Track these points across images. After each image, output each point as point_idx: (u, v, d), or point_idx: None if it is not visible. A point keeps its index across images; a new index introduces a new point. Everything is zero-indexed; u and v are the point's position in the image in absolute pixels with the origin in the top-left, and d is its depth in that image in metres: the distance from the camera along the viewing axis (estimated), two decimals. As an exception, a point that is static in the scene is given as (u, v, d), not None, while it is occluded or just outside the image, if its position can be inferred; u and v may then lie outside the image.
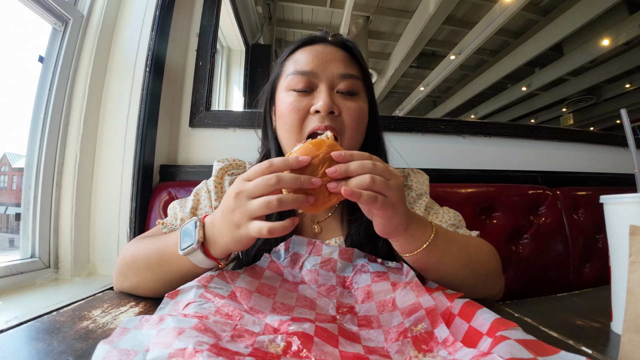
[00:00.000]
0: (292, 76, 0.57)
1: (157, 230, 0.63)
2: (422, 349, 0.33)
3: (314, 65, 0.57)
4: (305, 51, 0.60)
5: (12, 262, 0.75)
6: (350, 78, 0.58)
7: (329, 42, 0.61)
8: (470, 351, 0.30)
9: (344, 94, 0.58)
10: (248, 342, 0.30)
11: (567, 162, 1.32)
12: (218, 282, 0.41)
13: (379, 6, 3.51)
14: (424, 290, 0.41)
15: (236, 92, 1.80)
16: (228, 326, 0.33)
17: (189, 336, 0.28)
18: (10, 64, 0.89)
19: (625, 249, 0.36)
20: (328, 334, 0.33)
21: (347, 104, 0.57)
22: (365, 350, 0.33)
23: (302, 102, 0.56)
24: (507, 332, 0.30)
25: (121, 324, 0.31)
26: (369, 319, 0.39)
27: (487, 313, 0.34)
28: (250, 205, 0.39)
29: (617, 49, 3.92)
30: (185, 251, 0.44)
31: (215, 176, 0.66)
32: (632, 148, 0.44)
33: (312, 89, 0.57)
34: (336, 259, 0.50)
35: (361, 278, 0.47)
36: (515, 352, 0.26)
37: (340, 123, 0.56)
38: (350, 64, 0.60)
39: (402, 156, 0.78)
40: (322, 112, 0.54)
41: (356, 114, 0.57)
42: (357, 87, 0.59)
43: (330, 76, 0.57)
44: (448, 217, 0.64)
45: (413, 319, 0.37)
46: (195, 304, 0.36)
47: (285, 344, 0.30)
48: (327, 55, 0.58)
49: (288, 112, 0.56)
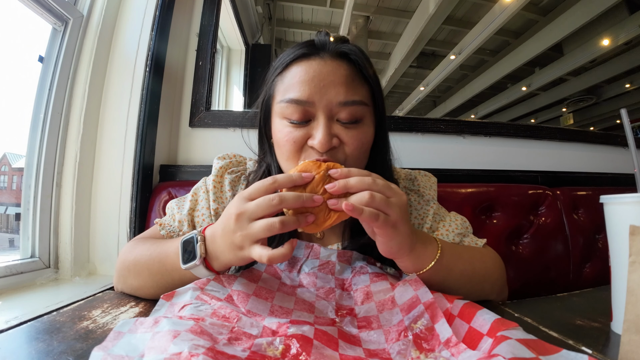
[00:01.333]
0: (286, 104, 0.50)
1: (156, 230, 0.62)
2: (424, 348, 0.33)
3: (310, 93, 0.49)
4: (300, 69, 0.51)
5: (12, 262, 0.75)
6: (354, 105, 0.50)
7: (329, 54, 0.52)
8: (474, 354, 0.29)
9: (346, 124, 0.51)
10: (245, 345, 0.30)
11: (567, 162, 1.32)
12: (215, 285, 0.41)
13: (379, 6, 3.51)
14: (422, 283, 0.41)
15: (236, 92, 1.80)
16: (225, 329, 0.32)
17: (184, 339, 0.27)
18: (10, 64, 0.89)
19: (625, 249, 0.36)
20: (328, 337, 0.32)
21: (349, 133, 0.50)
22: (366, 353, 0.32)
23: (299, 133, 0.50)
24: (507, 332, 0.30)
25: (115, 328, 0.31)
26: (369, 319, 0.39)
27: (487, 314, 0.34)
28: (252, 228, 0.38)
29: (617, 49, 3.92)
30: (188, 266, 0.43)
31: (214, 175, 0.63)
32: (632, 148, 0.43)
33: (309, 119, 0.50)
34: (334, 261, 0.49)
35: (360, 279, 0.47)
36: (517, 351, 0.26)
37: (341, 154, 0.51)
38: (353, 85, 0.51)
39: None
40: (320, 150, 0.49)
41: (359, 144, 0.51)
42: (362, 113, 0.51)
43: (329, 105, 0.49)
44: (455, 225, 0.62)
45: (412, 316, 0.37)
46: (192, 306, 0.36)
47: (284, 346, 0.29)
48: (325, 78, 0.49)
49: (284, 143, 0.51)
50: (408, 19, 3.59)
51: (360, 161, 0.53)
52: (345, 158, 0.51)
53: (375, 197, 0.38)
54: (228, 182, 0.63)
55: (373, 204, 0.38)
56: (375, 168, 0.52)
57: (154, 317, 0.32)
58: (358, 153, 0.52)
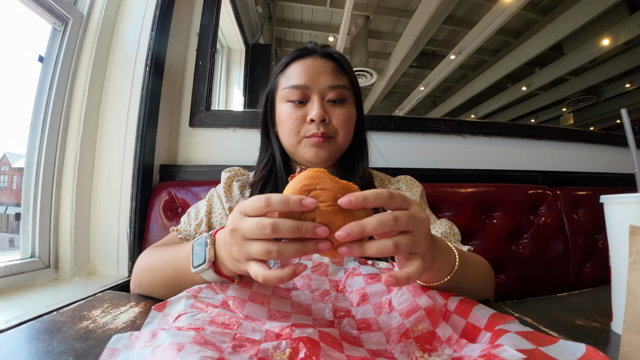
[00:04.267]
0: (288, 89, 0.65)
1: (172, 237, 0.64)
2: (426, 348, 0.33)
3: (306, 79, 0.65)
4: (297, 65, 0.67)
5: (12, 262, 0.75)
6: (339, 88, 0.66)
7: (318, 54, 0.68)
8: (477, 346, 0.29)
9: (334, 102, 0.66)
10: (252, 352, 0.29)
11: (567, 162, 1.32)
12: (208, 293, 0.40)
13: (379, 6, 3.51)
14: (420, 290, 0.41)
15: (236, 91, 1.80)
16: (227, 336, 0.31)
17: (191, 352, 0.26)
18: (10, 64, 0.89)
19: (625, 249, 0.36)
20: (332, 339, 0.32)
21: (337, 110, 0.66)
22: (370, 354, 0.32)
23: (298, 112, 0.65)
24: (505, 325, 0.30)
25: (109, 345, 0.28)
26: (368, 322, 0.39)
27: (483, 309, 0.35)
28: (248, 247, 0.35)
29: (617, 49, 3.92)
30: (197, 270, 0.42)
31: (223, 184, 0.72)
32: (632, 148, 0.43)
33: (306, 100, 0.65)
34: (327, 263, 0.49)
35: (354, 281, 0.46)
36: (516, 343, 0.26)
37: (332, 128, 0.65)
38: (338, 74, 0.67)
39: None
40: (316, 120, 0.63)
41: (345, 119, 0.66)
42: (346, 94, 0.67)
43: (321, 88, 0.65)
44: (444, 229, 0.66)
45: (413, 319, 0.36)
46: (188, 315, 0.34)
47: (292, 350, 0.28)
48: (317, 69, 0.65)
49: (287, 120, 0.65)
50: (408, 19, 3.58)
51: (348, 134, 0.67)
52: (335, 131, 0.66)
53: (400, 246, 0.33)
54: (236, 187, 0.72)
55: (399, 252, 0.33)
56: (361, 143, 0.72)
57: (150, 330, 0.30)
58: (346, 126, 0.66)
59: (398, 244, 0.33)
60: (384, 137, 1.20)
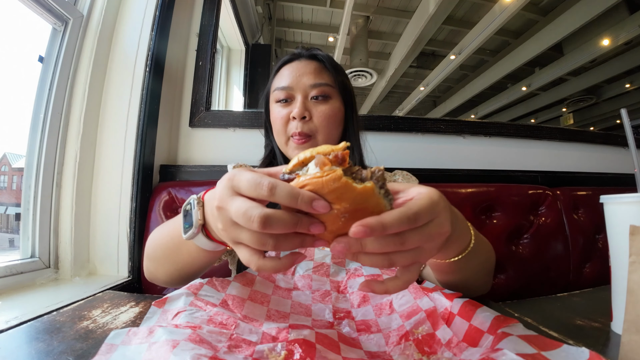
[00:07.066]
0: (276, 91, 0.70)
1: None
2: (426, 351, 0.33)
3: (290, 81, 0.68)
4: (285, 68, 0.71)
5: (12, 262, 0.75)
6: (320, 86, 0.68)
7: (304, 57, 0.72)
8: (477, 350, 0.29)
9: (317, 98, 0.68)
10: (247, 353, 0.29)
11: (567, 162, 1.32)
12: (208, 290, 0.40)
13: (379, 6, 3.51)
14: (422, 292, 0.40)
15: (236, 92, 1.80)
16: (223, 336, 0.31)
17: (185, 349, 0.26)
18: (10, 64, 0.89)
19: (625, 249, 0.36)
20: (329, 340, 0.32)
21: (319, 107, 0.68)
22: (368, 356, 0.32)
23: (284, 111, 0.68)
24: (508, 328, 0.30)
25: (106, 340, 0.29)
26: (368, 323, 0.39)
27: (487, 311, 0.34)
28: (237, 233, 0.30)
29: (617, 49, 3.92)
30: (187, 236, 0.39)
31: None
32: (632, 148, 0.43)
33: (291, 99, 0.69)
34: (329, 263, 0.49)
35: (355, 282, 0.46)
36: (518, 347, 0.26)
37: (312, 126, 0.67)
38: (320, 73, 0.69)
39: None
40: (297, 117, 0.66)
41: (326, 116, 0.67)
42: (328, 91, 0.69)
43: (303, 87, 0.68)
44: None
45: (413, 321, 0.36)
46: (186, 313, 0.34)
47: (287, 352, 0.28)
48: (300, 70, 0.69)
49: (275, 119, 0.70)
50: (408, 19, 3.58)
51: (329, 131, 0.68)
52: (315, 129, 0.67)
53: (396, 263, 0.30)
54: None
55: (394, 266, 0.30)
56: (349, 139, 0.71)
57: (148, 327, 0.31)
58: (326, 123, 0.67)
59: (394, 262, 0.29)
60: (383, 137, 1.20)
